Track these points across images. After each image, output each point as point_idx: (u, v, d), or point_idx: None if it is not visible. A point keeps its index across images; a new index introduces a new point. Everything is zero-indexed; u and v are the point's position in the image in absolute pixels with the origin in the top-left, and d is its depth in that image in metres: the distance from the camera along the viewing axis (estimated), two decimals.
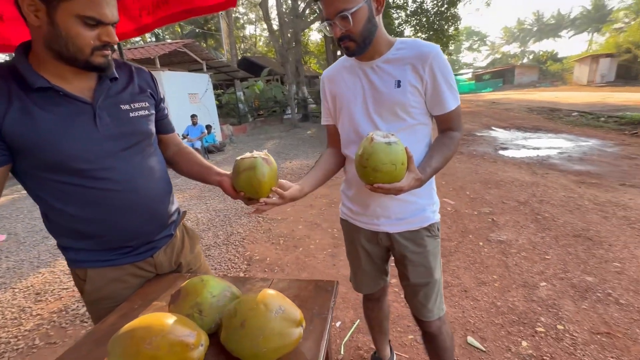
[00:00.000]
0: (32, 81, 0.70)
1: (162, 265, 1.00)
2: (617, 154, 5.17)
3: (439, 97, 0.98)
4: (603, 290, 1.94)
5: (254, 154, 0.90)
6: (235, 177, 0.91)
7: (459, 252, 2.57)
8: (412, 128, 1.02)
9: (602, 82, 23.94)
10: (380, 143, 0.84)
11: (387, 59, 0.99)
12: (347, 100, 1.06)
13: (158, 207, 0.93)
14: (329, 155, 1.16)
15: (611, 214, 2.96)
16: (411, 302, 1.19)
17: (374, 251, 1.20)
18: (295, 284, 0.94)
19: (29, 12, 0.66)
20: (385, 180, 0.85)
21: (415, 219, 1.08)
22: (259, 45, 34.52)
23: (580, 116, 9.68)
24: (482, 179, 4.39)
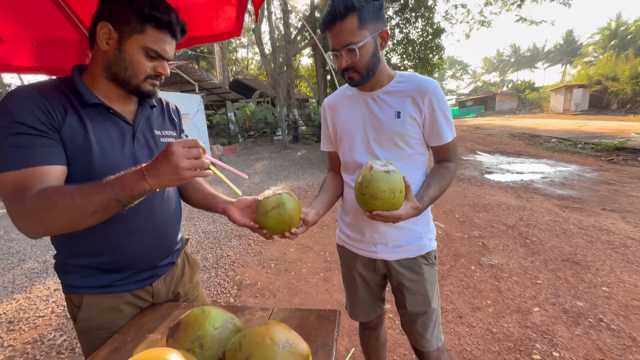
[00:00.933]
0: (87, 97, 0.78)
1: (159, 294, 0.97)
2: (595, 179, 5.39)
3: (437, 129, 1.02)
4: (594, 315, 1.96)
5: (276, 190, 0.92)
6: (262, 217, 0.89)
7: (451, 276, 2.57)
8: (410, 157, 1.05)
9: (576, 110, 25.32)
10: (379, 171, 0.86)
11: (388, 90, 1.03)
12: (347, 128, 1.09)
13: (168, 233, 0.95)
14: (333, 178, 1.19)
15: (595, 239, 3.05)
16: (408, 331, 1.18)
17: (370, 278, 1.19)
18: (296, 314, 0.91)
19: (102, 39, 0.76)
20: (384, 207, 0.87)
21: (412, 247, 1.09)
22: (250, 68, 35.26)
23: (559, 142, 10.13)
24: (471, 202, 4.47)
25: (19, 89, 0.73)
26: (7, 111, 0.69)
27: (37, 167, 0.68)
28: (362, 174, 0.89)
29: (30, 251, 3.81)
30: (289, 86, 14.23)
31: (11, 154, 0.67)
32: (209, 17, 1.26)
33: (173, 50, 0.84)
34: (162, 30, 0.78)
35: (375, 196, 0.85)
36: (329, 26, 0.93)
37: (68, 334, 2.18)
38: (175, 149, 0.67)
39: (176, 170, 0.67)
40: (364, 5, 0.88)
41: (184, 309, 0.96)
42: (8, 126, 0.68)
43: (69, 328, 2.25)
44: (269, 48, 13.76)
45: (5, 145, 0.67)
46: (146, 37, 0.76)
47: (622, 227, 3.30)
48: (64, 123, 0.74)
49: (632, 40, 30.12)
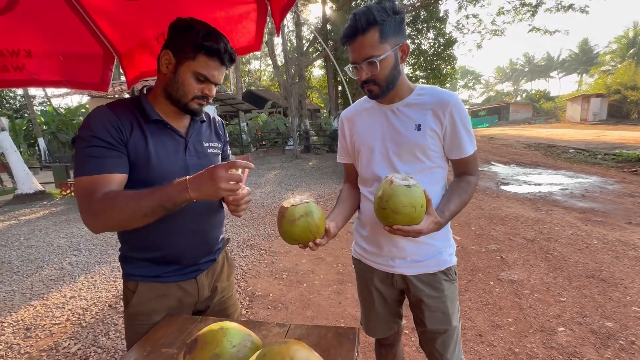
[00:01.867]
0: (150, 114, 0.92)
1: (203, 287, 1.06)
2: (619, 192, 5.19)
3: (458, 142, 1.01)
4: (625, 337, 1.85)
5: (303, 199, 0.91)
6: (289, 224, 0.87)
7: (469, 291, 2.48)
8: (430, 170, 1.03)
9: (594, 120, 24.68)
10: (400, 185, 0.84)
11: (408, 103, 1.02)
12: (366, 141, 1.08)
13: (211, 233, 1.06)
14: (350, 190, 1.18)
15: (622, 254, 2.90)
16: (428, 350, 1.13)
17: (388, 293, 1.16)
18: (314, 331, 0.88)
19: (163, 64, 0.91)
20: (404, 222, 0.85)
21: (432, 262, 1.06)
22: (263, 79, 35.94)
23: (578, 153, 9.85)
24: (487, 214, 4.36)
25: (99, 108, 0.88)
26: (89, 127, 0.84)
27: (105, 174, 0.83)
28: (382, 187, 0.87)
29: (49, 258, 3.90)
30: (301, 97, 14.40)
31: (88, 162, 0.82)
32: (230, 31, 1.28)
33: (222, 75, 0.95)
34: (212, 57, 0.89)
35: (397, 211, 0.83)
36: (350, 40, 0.93)
37: (82, 343, 2.19)
38: (219, 172, 0.77)
39: (216, 189, 0.77)
40: (385, 19, 0.88)
41: (199, 322, 0.95)
42: (88, 139, 0.83)
43: (83, 337, 2.26)
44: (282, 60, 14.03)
45: (84, 155, 0.82)
46: (197, 63, 0.89)
47: None
48: (130, 137, 0.88)
49: None
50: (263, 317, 2.36)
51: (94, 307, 2.68)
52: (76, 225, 5.31)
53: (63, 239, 4.66)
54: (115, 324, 2.40)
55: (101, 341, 2.20)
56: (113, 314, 2.54)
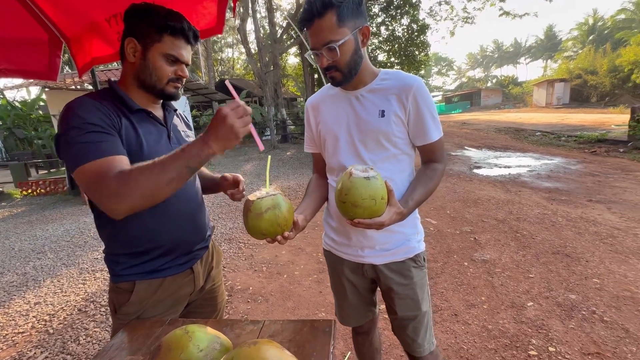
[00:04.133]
0: (131, 104, 0.90)
1: (199, 276, 1.04)
2: (580, 172, 5.51)
3: (422, 128, 0.99)
4: (587, 308, 1.97)
5: (270, 191, 0.86)
6: (255, 218, 0.83)
7: (445, 273, 2.56)
8: (396, 158, 1.02)
9: (558, 104, 25.94)
10: (359, 178, 0.82)
11: (372, 88, 1.00)
12: (331, 129, 1.05)
13: (202, 218, 1.04)
14: (318, 180, 1.15)
15: (584, 230, 3.09)
16: (400, 336, 1.15)
17: (359, 283, 1.16)
18: (289, 326, 0.86)
19: (130, 53, 0.88)
20: (365, 215, 0.83)
21: (401, 250, 1.05)
22: (237, 67, 34.87)
23: (543, 135, 10.35)
24: (461, 197, 4.50)
25: (80, 99, 0.84)
26: (78, 116, 0.80)
27: (110, 156, 0.79)
28: (342, 180, 0.85)
29: (10, 263, 3.64)
30: (276, 85, 14.10)
31: (87, 148, 0.78)
32: (189, 13, 1.19)
33: (189, 54, 0.94)
34: (177, 36, 0.89)
35: (356, 204, 0.81)
36: (307, 24, 0.89)
37: (49, 351, 2.07)
38: (226, 111, 0.74)
39: (232, 129, 0.74)
40: (342, 1, 0.84)
41: (168, 325, 0.90)
42: (82, 127, 0.79)
43: (51, 344, 2.14)
44: (255, 47, 13.58)
45: (81, 143, 0.78)
46: (164, 44, 0.88)
47: (608, 217, 3.36)
48: (121, 125, 0.86)
49: (609, 35, 31.01)
50: (243, 311, 2.33)
51: (61, 312, 2.53)
52: (40, 227, 4.99)
53: (25, 242, 4.37)
54: (85, 328, 2.29)
55: (71, 347, 2.09)
56: (83, 318, 2.41)
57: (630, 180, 4.71)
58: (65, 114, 0.81)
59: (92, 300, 2.66)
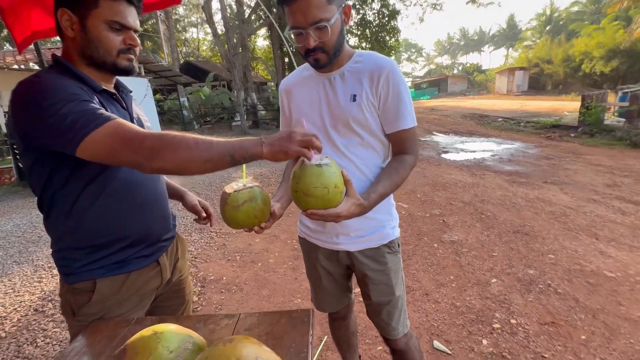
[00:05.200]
0: (95, 85, 0.81)
1: (166, 268, 0.98)
2: (537, 155, 5.89)
3: (394, 113, 0.95)
4: (544, 281, 2.14)
5: (247, 183, 0.83)
6: (232, 211, 0.80)
7: (416, 255, 2.66)
8: (369, 144, 0.99)
9: (518, 91, 27.38)
10: (310, 165, 0.78)
11: (345, 71, 0.97)
12: (304, 113, 1.01)
13: (166, 207, 0.98)
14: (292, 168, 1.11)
15: (540, 210, 3.32)
16: (374, 320, 1.17)
17: (334, 270, 1.15)
18: (266, 319, 0.83)
19: (66, 26, 0.78)
20: (318, 205, 0.79)
21: (375, 236, 1.05)
22: (202, 49, 33.11)
23: (505, 121, 10.92)
24: (430, 181, 4.66)
25: (41, 75, 0.73)
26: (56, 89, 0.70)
27: (117, 119, 0.71)
28: (294, 169, 0.82)
29: None
30: (245, 68, 13.57)
31: (91, 114, 0.69)
32: None
33: (135, 18, 0.83)
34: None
35: (307, 193, 0.77)
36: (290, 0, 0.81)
37: (3, 355, 1.91)
38: (298, 130, 0.72)
39: (289, 141, 0.70)
40: None
41: (134, 325, 0.84)
42: (70, 98, 0.70)
43: (4, 348, 1.97)
44: (222, 28, 12.89)
45: (80, 111, 0.69)
46: (103, 10, 0.77)
47: (561, 198, 3.63)
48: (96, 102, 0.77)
49: (563, 26, 32.92)
50: (217, 302, 2.28)
51: (15, 313, 2.33)
52: None
53: None
54: (43, 329, 2.13)
55: (27, 350, 1.94)
56: (40, 319, 2.24)
57: (580, 162, 5.11)
58: (33, 91, 0.70)
59: (50, 299, 2.47)
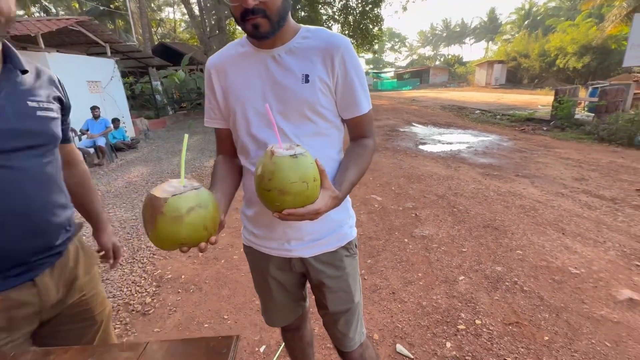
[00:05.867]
0: None
1: (47, 290, 0.80)
2: (511, 148, 5.96)
3: (352, 97, 0.85)
4: (510, 279, 2.10)
5: (188, 184, 0.62)
6: (172, 224, 0.58)
7: (386, 250, 2.57)
8: (324, 133, 0.86)
9: (496, 84, 27.96)
10: (284, 157, 0.65)
11: (291, 48, 0.81)
12: (243, 97, 0.84)
13: (49, 219, 0.80)
14: (227, 163, 0.94)
15: (511, 204, 3.32)
16: (330, 331, 1.05)
17: (287, 280, 1.02)
18: (178, 349, 0.68)
19: None
20: (297, 203, 0.67)
21: (332, 238, 0.93)
22: (179, 31, 31.59)
23: (482, 114, 11.06)
24: (406, 173, 4.60)
25: None
26: None
27: None
28: (262, 163, 0.67)
29: None
30: None
31: None
32: None
33: None
34: None
35: (284, 190, 0.65)
36: None
37: None
38: None
39: None
40: None
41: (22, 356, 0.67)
42: None
43: None
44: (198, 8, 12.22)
45: None
46: None
47: (531, 191, 3.66)
48: None
49: (541, 21, 33.71)
50: (172, 304, 2.11)
51: None
52: None
53: None
54: None
55: None
56: None
57: (551, 156, 5.20)
58: None
59: None
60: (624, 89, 7.33)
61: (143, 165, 6.07)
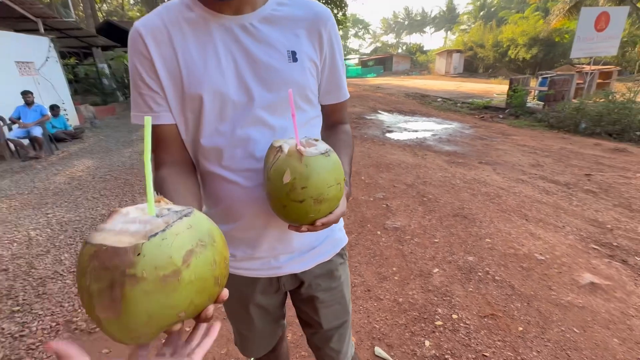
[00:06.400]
0: None
1: None
2: (472, 135, 6.17)
3: (338, 80, 0.74)
4: (482, 268, 2.12)
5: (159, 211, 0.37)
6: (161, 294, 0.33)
7: (359, 244, 2.49)
8: (311, 123, 0.73)
9: (454, 73, 29.09)
10: (316, 156, 0.54)
11: (267, 16, 0.63)
12: (207, 81, 0.61)
13: None
14: (179, 177, 0.64)
15: (477, 191, 3.40)
16: (321, 352, 0.91)
17: (271, 303, 0.85)
18: None
19: None
20: (330, 209, 0.59)
21: (327, 245, 0.80)
22: (127, 7, 28.84)
23: (444, 102, 11.40)
24: (375, 162, 4.55)
25: None
26: None
27: None
28: (289, 166, 0.53)
29: None
30: None
31: None
32: None
33: None
34: None
35: (321, 198, 0.55)
36: None
37: None
38: None
39: None
40: None
41: None
42: None
43: None
44: None
45: None
46: None
47: (494, 178, 3.78)
48: None
49: (495, 12, 35.38)
50: None
51: None
52: None
53: None
54: None
55: None
56: None
57: (509, 143, 5.45)
58: None
59: None
60: (569, 79, 7.88)
61: (89, 158, 5.45)
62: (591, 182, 3.50)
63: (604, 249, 2.28)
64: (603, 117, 5.90)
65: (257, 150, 0.64)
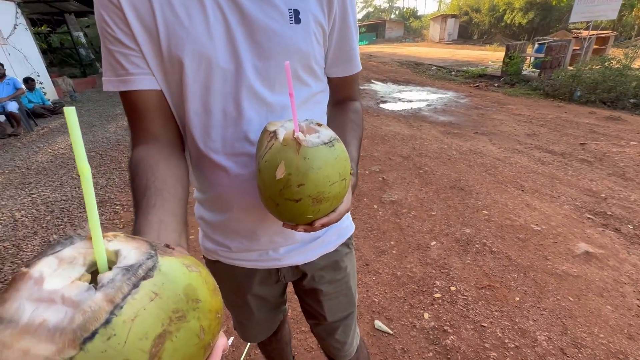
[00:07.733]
0: None
1: None
2: (468, 105, 6.06)
3: (350, 48, 0.62)
4: (479, 240, 2.12)
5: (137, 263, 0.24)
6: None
7: (356, 218, 2.47)
8: (316, 98, 0.63)
9: (449, 39, 28.21)
10: (317, 147, 0.44)
11: None
12: (194, 41, 0.49)
13: None
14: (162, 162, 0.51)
15: (473, 162, 3.37)
16: (326, 342, 0.89)
17: (270, 293, 0.81)
18: None
19: None
20: (332, 208, 0.51)
21: (332, 235, 0.73)
22: None
23: (438, 70, 11.12)
24: (369, 134, 4.46)
25: None
26: None
27: None
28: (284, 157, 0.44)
29: None
30: None
31: None
32: None
33: None
34: None
35: (321, 196, 0.46)
36: None
37: None
38: None
39: None
40: None
41: None
42: None
43: None
44: None
45: None
46: None
47: (490, 149, 3.74)
48: None
49: None
50: None
51: None
52: None
53: None
54: None
55: None
56: None
57: (505, 112, 5.38)
58: None
59: None
60: (566, 45, 7.69)
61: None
62: (586, 152, 3.50)
63: (598, 218, 2.31)
64: (598, 84, 5.83)
65: (251, 131, 0.56)
